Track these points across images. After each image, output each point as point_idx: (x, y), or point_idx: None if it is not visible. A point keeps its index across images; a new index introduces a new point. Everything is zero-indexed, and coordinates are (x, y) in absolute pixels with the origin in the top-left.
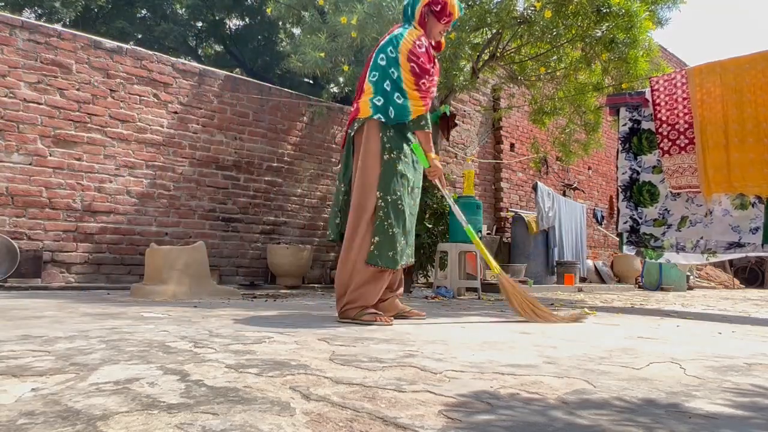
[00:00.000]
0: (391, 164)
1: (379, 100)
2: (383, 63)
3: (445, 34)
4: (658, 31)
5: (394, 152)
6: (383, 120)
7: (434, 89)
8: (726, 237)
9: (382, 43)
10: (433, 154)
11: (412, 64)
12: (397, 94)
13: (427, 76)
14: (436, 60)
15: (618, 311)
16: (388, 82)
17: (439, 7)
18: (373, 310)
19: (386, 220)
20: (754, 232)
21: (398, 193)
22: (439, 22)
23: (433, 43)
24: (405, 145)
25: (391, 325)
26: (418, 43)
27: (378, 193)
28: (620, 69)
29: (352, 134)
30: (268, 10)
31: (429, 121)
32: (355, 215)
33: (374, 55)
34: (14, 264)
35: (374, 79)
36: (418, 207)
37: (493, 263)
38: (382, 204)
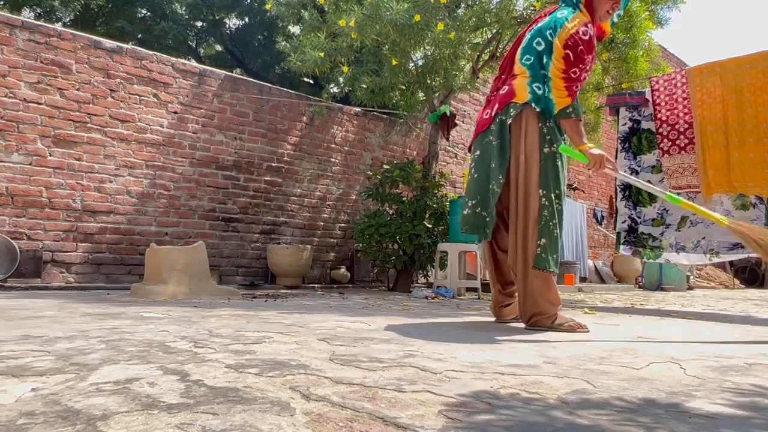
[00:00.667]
0: (551, 159)
1: (538, 87)
2: (539, 48)
3: (613, 15)
4: (658, 31)
5: (554, 145)
6: (538, 109)
7: (586, 78)
8: (728, 237)
9: (541, 23)
10: (587, 143)
11: (568, 51)
12: (541, 84)
13: (580, 65)
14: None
15: (618, 311)
16: (544, 71)
17: None
18: (570, 319)
19: (551, 220)
20: None
21: (558, 191)
22: (607, 0)
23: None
24: (563, 138)
25: (588, 332)
26: (582, 30)
27: (541, 191)
28: (620, 69)
29: (509, 121)
30: (268, 7)
31: (577, 108)
32: (522, 216)
33: (529, 35)
34: (14, 264)
35: (528, 62)
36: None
37: (717, 217)
38: (546, 203)
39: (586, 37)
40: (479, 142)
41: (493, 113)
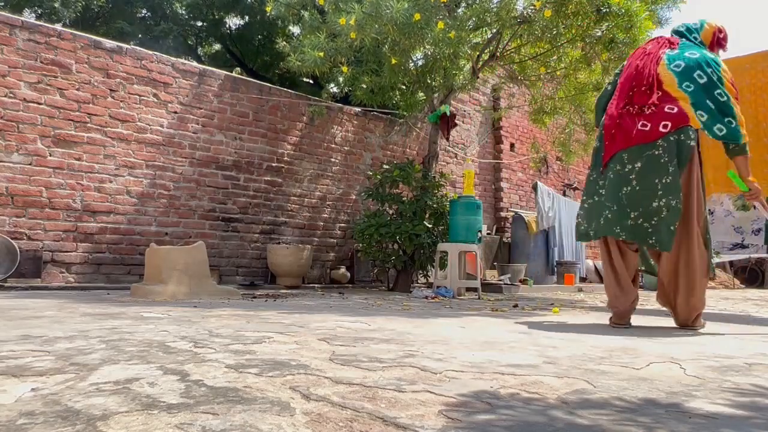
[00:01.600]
0: (703, 180)
1: (702, 116)
2: (703, 81)
3: None
4: (658, 32)
5: (701, 169)
6: (711, 136)
7: None
8: (728, 237)
9: (691, 55)
10: (750, 177)
11: (734, 92)
12: (729, 119)
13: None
14: None
15: None
16: (710, 102)
17: (723, 35)
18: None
19: (708, 233)
20: (757, 233)
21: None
22: (723, 50)
23: None
24: None
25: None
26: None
27: (704, 208)
28: None
29: (692, 144)
30: (268, 9)
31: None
32: (693, 229)
33: (681, 61)
34: (14, 264)
35: (689, 90)
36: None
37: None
38: (706, 217)
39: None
40: (638, 153)
41: (661, 129)
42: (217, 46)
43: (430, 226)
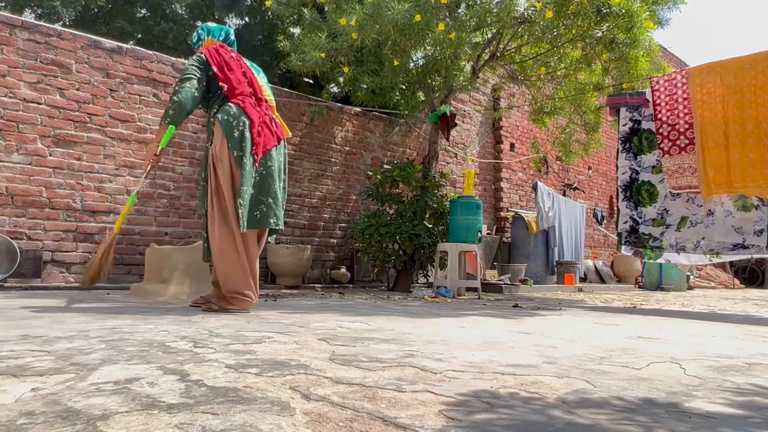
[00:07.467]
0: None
1: None
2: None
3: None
4: (659, 32)
5: None
6: None
7: None
8: (729, 238)
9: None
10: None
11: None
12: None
13: None
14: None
15: (618, 311)
16: None
17: None
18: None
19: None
20: (759, 234)
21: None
22: None
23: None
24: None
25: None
26: None
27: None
28: (620, 69)
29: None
30: (268, 3)
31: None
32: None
33: (260, 73)
34: (14, 264)
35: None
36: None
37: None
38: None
39: None
40: (277, 152)
41: (281, 137)
42: None
43: (430, 226)
